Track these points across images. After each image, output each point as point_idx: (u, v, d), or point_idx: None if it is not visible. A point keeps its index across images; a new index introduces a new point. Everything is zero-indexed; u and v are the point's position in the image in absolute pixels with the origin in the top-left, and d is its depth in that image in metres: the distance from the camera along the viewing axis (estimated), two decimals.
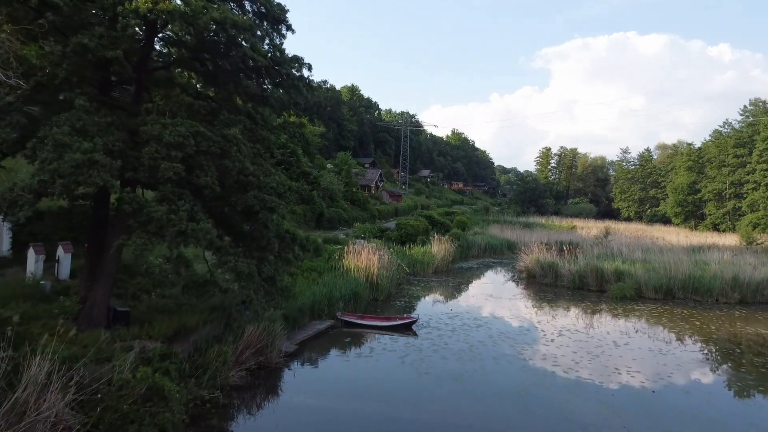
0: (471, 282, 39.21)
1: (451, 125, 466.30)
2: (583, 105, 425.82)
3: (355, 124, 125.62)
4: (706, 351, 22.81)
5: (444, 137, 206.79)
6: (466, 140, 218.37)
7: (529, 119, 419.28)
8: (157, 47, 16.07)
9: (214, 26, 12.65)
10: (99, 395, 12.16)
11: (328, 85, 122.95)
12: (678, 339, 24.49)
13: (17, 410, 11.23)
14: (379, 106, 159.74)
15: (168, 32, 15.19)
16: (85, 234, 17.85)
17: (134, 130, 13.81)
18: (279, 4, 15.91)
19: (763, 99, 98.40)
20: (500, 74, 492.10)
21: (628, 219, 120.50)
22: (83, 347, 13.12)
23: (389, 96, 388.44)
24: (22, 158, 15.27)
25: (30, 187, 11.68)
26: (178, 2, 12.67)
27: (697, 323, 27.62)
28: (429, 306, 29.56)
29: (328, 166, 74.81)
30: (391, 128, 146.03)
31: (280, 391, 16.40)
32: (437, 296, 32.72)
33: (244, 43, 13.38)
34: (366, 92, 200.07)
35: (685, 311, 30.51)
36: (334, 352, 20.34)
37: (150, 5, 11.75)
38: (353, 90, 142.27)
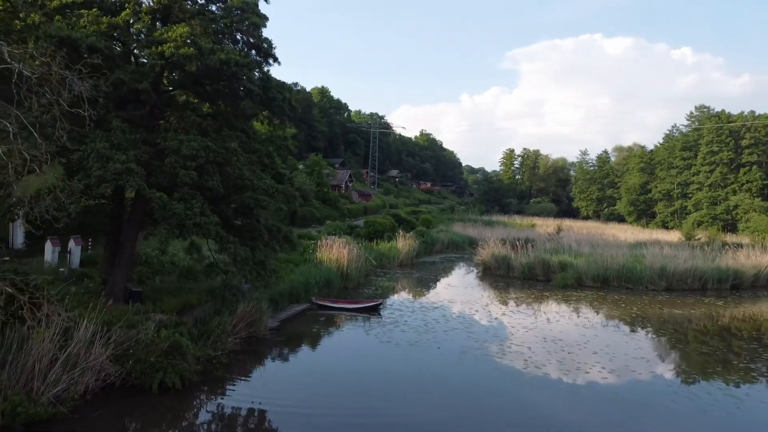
0: (432, 273, 43.32)
1: (421, 125, 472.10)
2: (551, 105, 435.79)
3: (325, 126, 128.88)
4: (621, 325, 27.26)
5: (413, 138, 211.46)
6: (434, 141, 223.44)
7: (498, 119, 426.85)
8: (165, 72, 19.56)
9: (221, 63, 16.22)
10: (131, 351, 15.67)
11: (299, 87, 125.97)
12: (602, 317, 28.94)
13: (71, 360, 14.66)
14: (349, 108, 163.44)
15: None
16: (92, 229, 21.22)
17: (152, 143, 17.31)
18: (267, 39, 19.59)
19: (707, 105, 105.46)
20: (469, 74, 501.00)
21: (587, 218, 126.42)
22: (114, 316, 16.57)
23: (359, 94, 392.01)
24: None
25: (77, 188, 15.07)
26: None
27: (623, 306, 32.15)
28: (393, 293, 33.46)
29: (300, 167, 78.19)
30: (360, 129, 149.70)
31: (266, 356, 20.12)
32: (401, 285, 36.67)
33: (243, 76, 16.95)
34: (336, 93, 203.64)
35: (616, 296, 35.05)
36: (309, 328, 24.03)
37: (173, 50, 15.29)
38: (323, 92, 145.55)
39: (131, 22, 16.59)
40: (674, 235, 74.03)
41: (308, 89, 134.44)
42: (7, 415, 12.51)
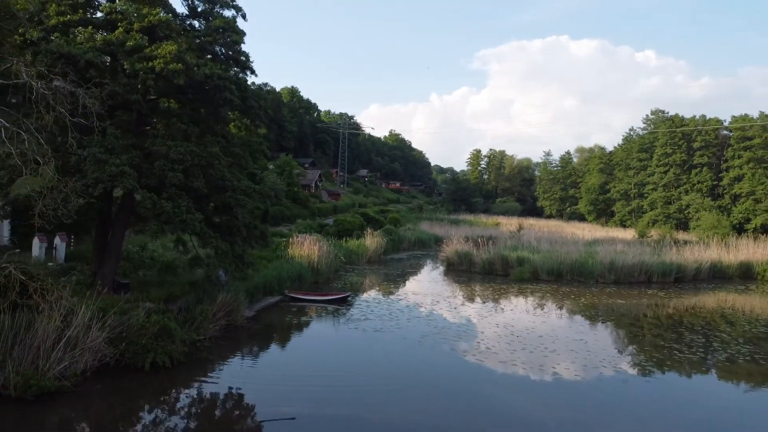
0: (398, 269, 45.65)
1: (390, 124, 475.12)
2: (519, 106, 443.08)
3: (295, 126, 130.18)
4: (568, 314, 30.02)
5: (382, 138, 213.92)
6: (403, 141, 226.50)
7: (467, 119, 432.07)
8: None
9: (205, 77, 18.14)
10: (124, 334, 17.47)
11: (269, 88, 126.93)
12: (552, 307, 31.67)
13: (72, 342, 16.41)
14: (319, 107, 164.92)
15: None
16: (76, 227, 22.82)
17: (141, 147, 19.12)
18: (245, 53, 21.55)
19: (662, 109, 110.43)
20: (439, 74, 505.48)
21: (550, 216, 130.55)
22: (107, 304, 18.32)
23: (329, 93, 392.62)
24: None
25: (78, 188, 16.82)
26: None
27: (573, 297, 34.93)
28: (360, 287, 35.63)
29: (270, 167, 79.73)
30: (330, 129, 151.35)
31: (244, 341, 22.10)
32: (368, 280, 38.87)
33: (225, 88, 18.89)
34: (305, 93, 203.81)
35: (567, 289, 37.84)
36: (283, 317, 26.04)
37: (163, 65, 17.17)
38: (293, 92, 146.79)
39: (123, 38, 18.33)
40: (630, 233, 77.97)
41: (278, 89, 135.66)
42: (19, 387, 14.30)
